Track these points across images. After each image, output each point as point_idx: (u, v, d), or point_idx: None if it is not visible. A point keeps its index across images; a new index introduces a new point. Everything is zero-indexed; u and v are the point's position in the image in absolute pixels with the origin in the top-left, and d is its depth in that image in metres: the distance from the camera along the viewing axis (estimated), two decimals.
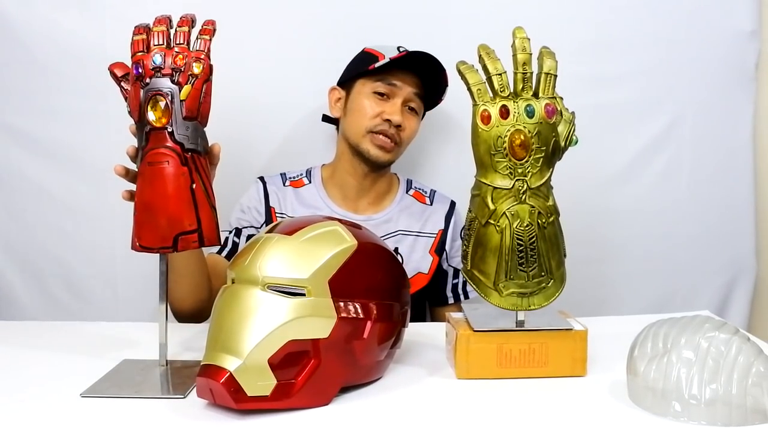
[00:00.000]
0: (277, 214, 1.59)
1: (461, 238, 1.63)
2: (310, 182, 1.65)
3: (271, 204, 1.61)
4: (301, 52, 1.76)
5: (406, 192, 1.68)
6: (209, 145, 1.13)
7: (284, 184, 1.64)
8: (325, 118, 1.67)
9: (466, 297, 1.67)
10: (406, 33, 1.74)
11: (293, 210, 1.59)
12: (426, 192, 1.69)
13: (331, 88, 1.64)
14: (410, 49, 1.54)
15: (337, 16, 1.74)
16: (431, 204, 1.67)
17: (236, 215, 1.60)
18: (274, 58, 1.57)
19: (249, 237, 1.55)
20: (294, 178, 1.65)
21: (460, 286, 1.67)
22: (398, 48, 1.55)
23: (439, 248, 1.64)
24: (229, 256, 1.55)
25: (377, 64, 1.53)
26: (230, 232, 1.60)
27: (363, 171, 1.60)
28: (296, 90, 1.76)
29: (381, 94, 1.55)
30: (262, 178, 1.65)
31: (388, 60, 1.52)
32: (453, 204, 1.69)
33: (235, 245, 1.59)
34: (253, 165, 1.77)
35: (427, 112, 1.67)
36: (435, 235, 1.64)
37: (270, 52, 1.64)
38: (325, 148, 1.72)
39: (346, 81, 1.62)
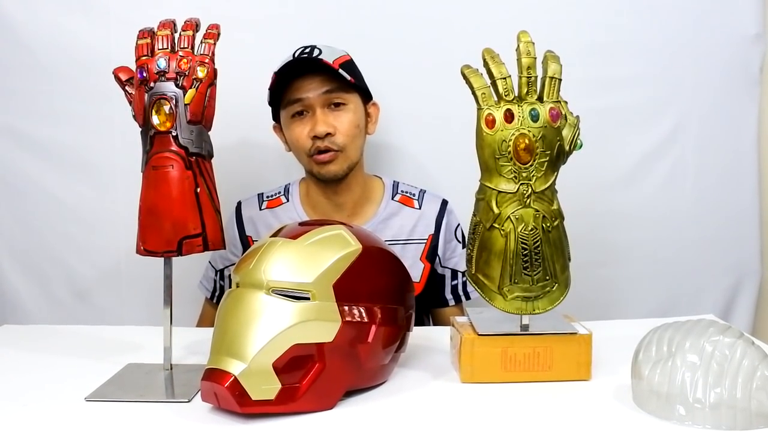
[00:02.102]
0: (255, 242, 1.53)
1: (457, 239, 1.62)
2: (288, 200, 1.61)
3: (248, 233, 1.60)
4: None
5: (392, 198, 1.60)
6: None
7: (261, 208, 1.61)
8: None
9: (468, 298, 1.63)
10: (412, 37, 1.74)
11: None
12: (414, 194, 1.62)
13: (272, 126, 1.61)
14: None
15: (341, 22, 1.74)
16: (420, 207, 1.60)
17: (218, 251, 1.52)
18: (278, 61, 1.57)
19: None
20: (271, 197, 1.62)
21: (460, 287, 1.62)
22: (293, 55, 1.51)
23: (431, 254, 1.58)
24: (218, 301, 1.57)
25: (268, 92, 1.51)
26: (215, 273, 1.62)
27: (328, 187, 1.56)
28: None
29: (299, 114, 1.50)
30: (238, 206, 1.63)
31: (273, 81, 1.49)
32: (444, 203, 1.62)
33: (222, 288, 1.62)
34: (256, 168, 1.77)
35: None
36: (425, 241, 1.58)
37: (274, 56, 1.64)
38: None
39: (276, 116, 1.58)
